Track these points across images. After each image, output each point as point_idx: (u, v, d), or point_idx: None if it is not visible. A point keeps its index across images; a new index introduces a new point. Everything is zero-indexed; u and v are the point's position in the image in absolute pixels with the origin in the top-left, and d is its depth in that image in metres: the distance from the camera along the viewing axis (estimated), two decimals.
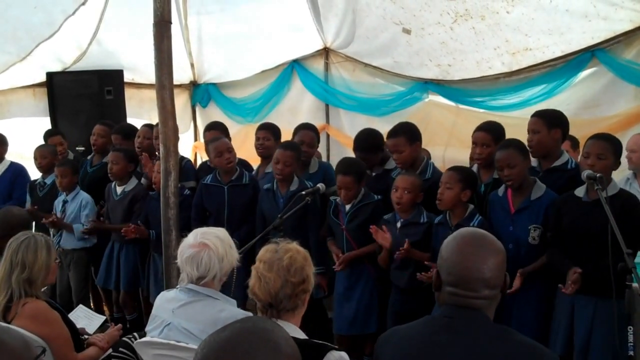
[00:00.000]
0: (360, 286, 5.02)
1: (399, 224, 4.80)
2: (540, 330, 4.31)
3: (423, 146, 5.46)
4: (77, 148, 7.66)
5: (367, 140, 5.45)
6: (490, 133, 4.88)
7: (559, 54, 6.21)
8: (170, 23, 4.73)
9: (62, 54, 8.13)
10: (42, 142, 7.23)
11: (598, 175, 3.81)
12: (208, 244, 3.24)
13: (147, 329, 3.44)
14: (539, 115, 4.84)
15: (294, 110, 8.29)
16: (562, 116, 4.81)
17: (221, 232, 3.38)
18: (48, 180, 6.72)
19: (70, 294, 6.36)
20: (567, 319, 4.15)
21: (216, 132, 6.44)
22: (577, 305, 4.10)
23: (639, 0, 5.52)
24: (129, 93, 8.53)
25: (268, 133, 6.04)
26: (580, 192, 4.19)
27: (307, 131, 5.97)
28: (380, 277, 5.00)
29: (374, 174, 5.39)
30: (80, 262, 6.36)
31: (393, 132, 5.15)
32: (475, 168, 5.05)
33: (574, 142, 5.73)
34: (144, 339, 3.37)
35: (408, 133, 5.09)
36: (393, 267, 4.82)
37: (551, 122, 4.72)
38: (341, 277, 5.09)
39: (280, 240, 2.89)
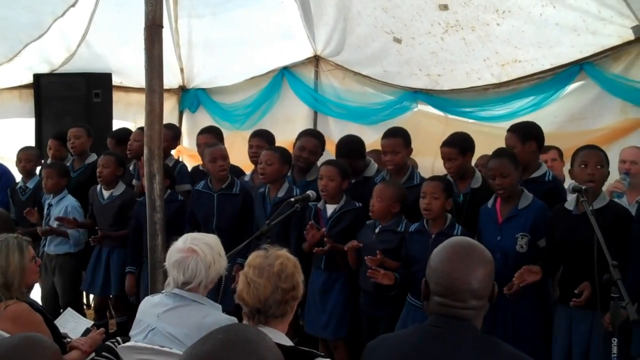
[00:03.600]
0: (335, 292, 5.04)
1: (377, 230, 4.83)
2: (539, 344, 4.30)
3: (412, 156, 5.49)
4: None
5: (350, 146, 5.50)
6: (455, 146, 4.92)
7: (547, 66, 6.26)
8: (162, 27, 4.69)
9: (50, 55, 8.09)
10: (27, 144, 7.17)
11: (583, 187, 3.82)
12: (196, 250, 3.22)
13: (131, 333, 3.41)
14: (512, 130, 4.93)
15: (285, 118, 8.28)
16: (534, 128, 4.91)
17: (212, 239, 3.35)
18: (30, 184, 6.67)
19: (56, 299, 6.28)
20: (565, 333, 4.15)
21: (210, 136, 6.40)
22: (574, 319, 4.11)
23: (628, 16, 5.58)
24: (116, 96, 8.50)
25: (262, 140, 6.00)
26: (570, 205, 4.20)
27: (310, 138, 5.85)
28: (354, 282, 5.01)
29: (353, 181, 5.38)
30: (66, 267, 6.26)
31: (391, 133, 5.23)
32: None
33: (560, 152, 5.78)
34: (127, 344, 3.34)
35: (405, 136, 5.21)
36: (362, 271, 4.82)
37: (524, 135, 4.82)
38: (318, 281, 5.09)
39: (269, 247, 2.86)
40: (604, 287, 3.28)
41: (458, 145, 4.93)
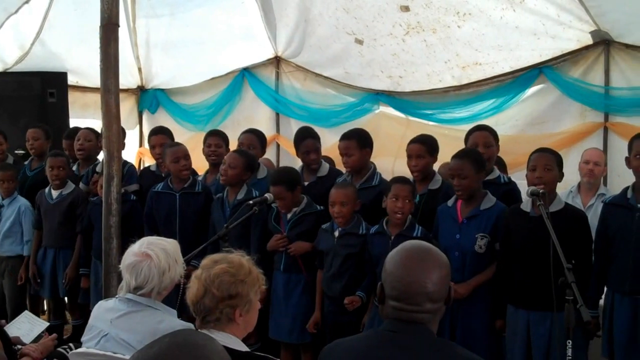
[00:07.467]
0: (297, 294, 5.00)
1: (336, 233, 4.79)
2: (490, 344, 4.34)
3: (372, 157, 5.45)
4: (16, 152, 7.41)
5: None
6: (424, 144, 4.93)
7: (507, 69, 6.32)
8: (118, 26, 4.65)
9: (3, 54, 7.96)
10: None
11: (541, 191, 3.85)
12: (151, 255, 3.14)
13: (83, 339, 3.32)
14: (487, 129, 5.04)
15: (247, 120, 8.19)
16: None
17: (170, 245, 3.26)
18: None
19: (3, 301, 6.21)
20: (523, 334, 4.16)
21: (163, 137, 6.34)
22: (532, 321, 4.12)
23: (586, 21, 5.67)
24: (72, 96, 8.34)
25: (219, 140, 6.02)
26: (526, 207, 4.23)
27: (247, 135, 6.02)
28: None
29: (306, 183, 5.36)
30: (15, 270, 6.20)
31: (345, 136, 5.22)
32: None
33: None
34: (79, 350, 3.26)
35: (359, 138, 5.17)
36: (326, 276, 4.81)
37: (496, 136, 4.98)
38: (279, 284, 5.04)
39: (232, 251, 2.82)
40: (560, 289, 3.30)
41: (427, 144, 4.95)
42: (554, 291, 3.51)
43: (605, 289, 4.31)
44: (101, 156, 5.21)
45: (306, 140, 5.53)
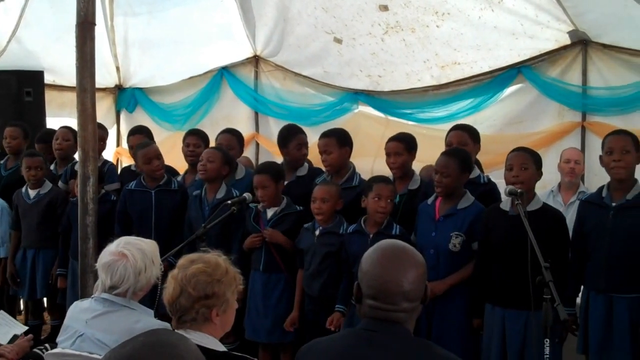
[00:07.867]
0: (277, 294, 4.98)
1: (317, 232, 4.80)
2: (466, 343, 4.36)
3: (352, 157, 5.44)
4: None
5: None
6: (402, 142, 4.98)
7: (486, 69, 6.36)
8: (94, 24, 4.60)
9: None
10: None
11: (519, 190, 3.86)
12: (127, 255, 3.11)
13: (58, 339, 3.28)
14: (464, 128, 5.10)
15: (225, 119, 8.14)
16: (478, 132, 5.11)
17: (148, 245, 3.23)
18: None
19: None
20: (499, 333, 4.18)
21: (141, 137, 6.30)
22: (508, 320, 4.15)
23: (564, 21, 5.72)
24: (49, 95, 8.19)
25: (198, 139, 5.95)
26: (505, 205, 4.25)
27: (225, 135, 5.97)
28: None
29: (286, 182, 5.34)
30: None
31: (324, 134, 5.26)
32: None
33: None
34: (54, 350, 3.22)
35: (339, 136, 5.20)
36: (306, 275, 4.81)
37: (474, 136, 5.03)
38: (257, 284, 5.01)
39: (208, 251, 2.79)
40: (537, 288, 3.31)
41: (405, 141, 4.98)
42: (532, 290, 3.54)
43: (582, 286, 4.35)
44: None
45: (299, 134, 5.51)
